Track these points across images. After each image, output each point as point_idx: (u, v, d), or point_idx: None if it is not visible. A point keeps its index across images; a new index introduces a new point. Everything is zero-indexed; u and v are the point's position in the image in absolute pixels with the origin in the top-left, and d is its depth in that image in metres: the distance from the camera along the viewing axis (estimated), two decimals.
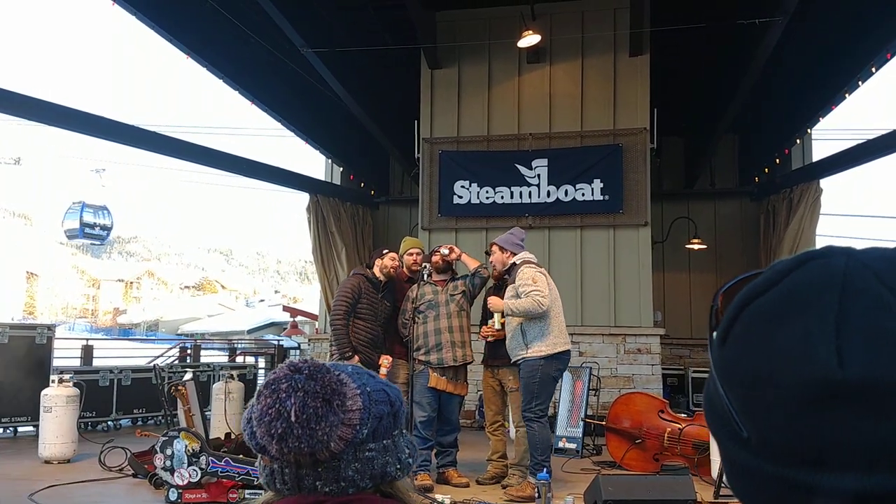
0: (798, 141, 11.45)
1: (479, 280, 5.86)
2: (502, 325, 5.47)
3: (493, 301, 5.41)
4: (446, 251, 5.75)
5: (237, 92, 9.86)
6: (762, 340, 0.48)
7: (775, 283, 0.49)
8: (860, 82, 9.02)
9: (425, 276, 5.86)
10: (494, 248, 5.66)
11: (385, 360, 5.62)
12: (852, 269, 0.46)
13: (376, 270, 5.79)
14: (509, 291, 5.40)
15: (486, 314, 5.86)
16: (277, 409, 0.89)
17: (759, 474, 0.48)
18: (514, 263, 5.46)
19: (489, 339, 5.63)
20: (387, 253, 5.85)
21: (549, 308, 5.25)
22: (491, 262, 5.72)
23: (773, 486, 0.47)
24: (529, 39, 8.36)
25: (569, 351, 5.43)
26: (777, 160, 11.57)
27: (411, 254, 6.18)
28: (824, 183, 10.67)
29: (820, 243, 10.95)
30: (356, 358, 5.42)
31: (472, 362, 5.78)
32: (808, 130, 11.21)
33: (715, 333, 0.53)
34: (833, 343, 0.43)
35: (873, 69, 8.63)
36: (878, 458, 0.43)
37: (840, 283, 0.46)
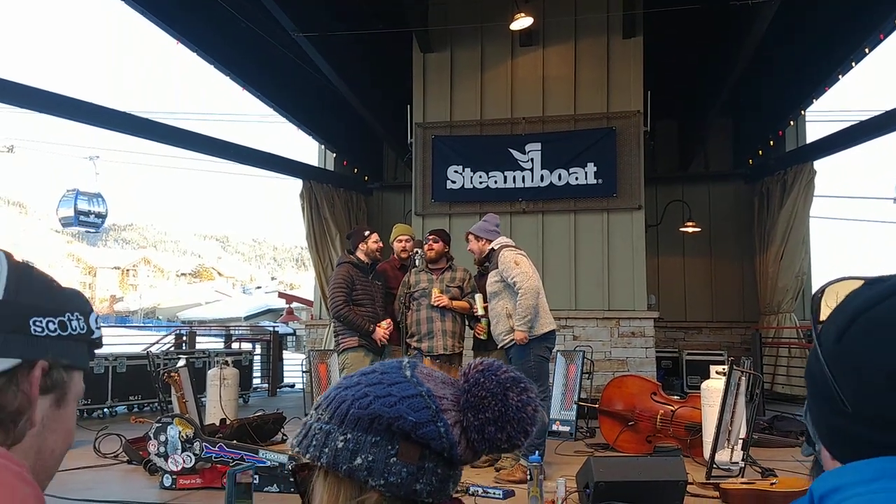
0: (792, 123, 11.43)
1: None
2: (485, 308, 5.51)
3: (516, 337, 5.33)
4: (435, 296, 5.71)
5: (229, 77, 9.81)
6: (870, 346, 0.66)
7: (878, 304, 0.67)
8: (853, 63, 8.99)
9: (417, 262, 5.89)
10: (470, 237, 5.69)
11: (384, 323, 5.74)
12: None
13: (360, 255, 5.79)
14: (492, 276, 5.46)
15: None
16: (534, 406, 0.93)
17: (854, 436, 0.66)
18: (493, 249, 5.50)
19: (482, 336, 5.74)
20: (368, 235, 5.83)
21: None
22: (469, 250, 5.75)
23: (864, 444, 0.65)
24: (522, 22, 8.31)
25: (554, 331, 5.47)
26: (771, 142, 11.55)
27: (401, 241, 6.19)
28: (818, 164, 10.70)
29: (814, 225, 11.00)
30: (378, 329, 5.61)
31: (460, 352, 5.80)
32: (802, 112, 11.19)
33: (820, 327, 0.72)
34: None
35: (866, 50, 8.60)
36: None
37: None
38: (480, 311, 5.55)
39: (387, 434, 0.87)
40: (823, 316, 0.74)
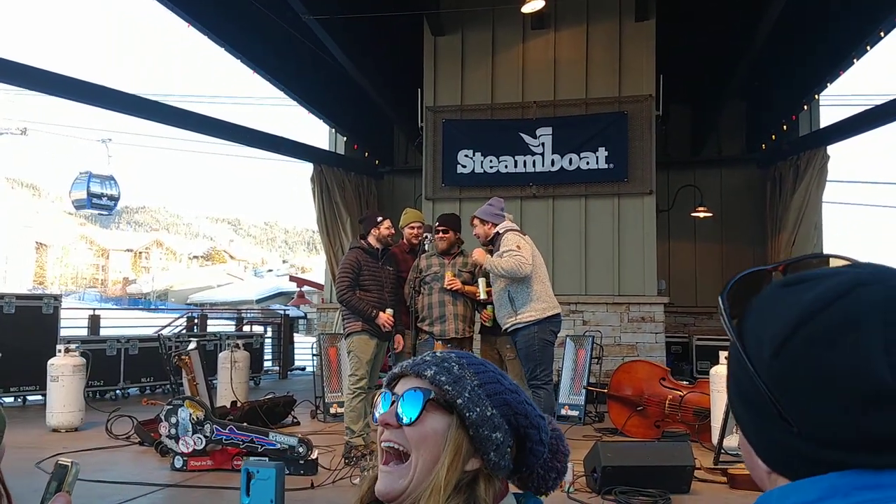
0: (805, 107, 11.31)
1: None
2: (488, 293, 5.50)
3: (478, 252, 5.44)
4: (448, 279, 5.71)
5: (240, 61, 9.80)
6: (821, 359, 0.57)
7: (824, 310, 0.58)
8: (868, 47, 8.89)
9: (426, 247, 5.89)
10: (475, 221, 5.67)
11: (387, 311, 5.70)
12: (891, 298, 0.57)
13: (372, 240, 5.78)
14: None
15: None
16: None
17: (800, 454, 0.60)
18: (498, 233, 5.48)
19: (487, 324, 5.75)
20: (381, 221, 5.82)
21: (533, 274, 5.28)
22: (475, 235, 5.73)
23: (810, 462, 0.59)
24: (533, 5, 8.25)
25: (559, 314, 5.44)
26: (784, 127, 11.45)
27: (413, 227, 6.18)
28: (831, 149, 10.60)
29: (827, 210, 10.91)
30: (382, 315, 5.51)
31: (470, 336, 5.80)
32: (816, 96, 11.07)
33: (744, 334, 0.64)
34: (885, 361, 0.55)
35: (882, 33, 8.50)
36: None
37: (882, 312, 0.56)
38: (483, 296, 5.54)
39: (513, 430, 1.04)
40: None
